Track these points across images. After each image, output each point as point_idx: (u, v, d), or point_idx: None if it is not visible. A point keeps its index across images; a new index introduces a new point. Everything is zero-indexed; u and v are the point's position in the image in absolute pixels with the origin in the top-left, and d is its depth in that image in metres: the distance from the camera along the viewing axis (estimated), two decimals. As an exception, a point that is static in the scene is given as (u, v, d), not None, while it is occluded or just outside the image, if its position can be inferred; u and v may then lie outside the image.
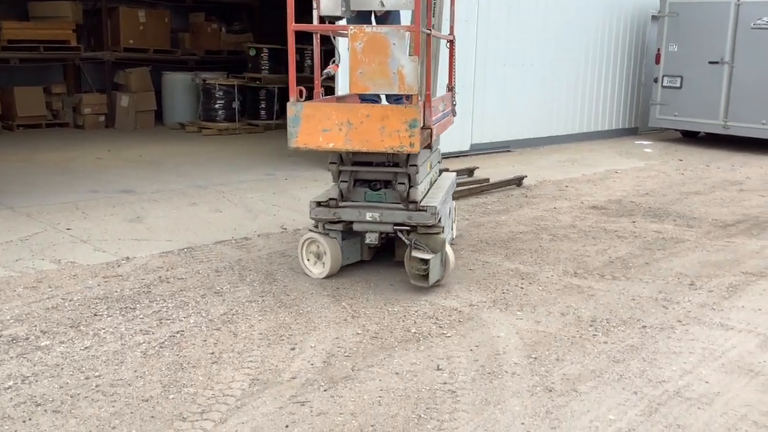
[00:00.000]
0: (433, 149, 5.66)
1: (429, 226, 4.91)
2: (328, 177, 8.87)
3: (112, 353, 3.86)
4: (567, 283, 5.17)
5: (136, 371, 3.66)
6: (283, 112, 13.88)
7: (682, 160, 11.06)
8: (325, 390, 3.50)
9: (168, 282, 5.00)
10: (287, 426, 3.17)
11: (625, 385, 3.62)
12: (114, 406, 3.30)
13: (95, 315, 4.37)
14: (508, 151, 11.55)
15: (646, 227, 6.81)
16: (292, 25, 4.65)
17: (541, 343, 4.11)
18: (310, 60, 14.25)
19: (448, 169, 6.62)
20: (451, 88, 6.36)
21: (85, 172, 8.90)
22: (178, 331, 4.16)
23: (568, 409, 3.37)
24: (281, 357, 3.86)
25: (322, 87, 5.62)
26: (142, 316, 4.37)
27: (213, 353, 3.88)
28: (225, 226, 6.52)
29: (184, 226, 6.49)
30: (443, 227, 5.04)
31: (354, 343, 4.06)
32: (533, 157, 11.07)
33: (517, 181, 8.70)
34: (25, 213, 6.72)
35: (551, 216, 7.20)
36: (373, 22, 5.60)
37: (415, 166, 4.95)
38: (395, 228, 4.96)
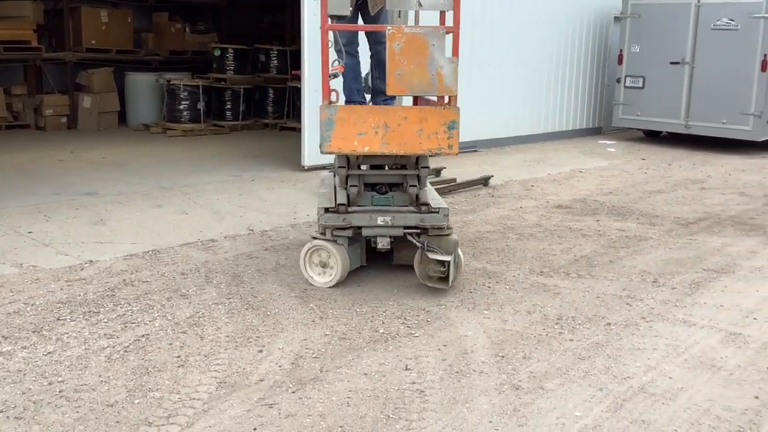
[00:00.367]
0: None
1: (441, 227, 4.89)
2: (296, 178, 8.89)
3: (75, 358, 3.80)
4: (533, 281, 5.21)
5: (100, 376, 3.60)
6: (249, 112, 13.87)
7: (644, 159, 11.23)
8: (293, 392, 3.49)
9: (132, 285, 4.94)
10: (255, 429, 3.15)
11: (590, 382, 3.66)
12: (78, 412, 3.25)
13: (58, 319, 4.30)
14: (475, 151, 11.61)
15: (610, 226, 6.90)
16: (326, 25, 4.49)
17: (508, 342, 4.14)
18: (277, 60, 14.22)
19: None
20: None
21: (47, 174, 8.75)
22: (144, 335, 4.11)
23: (535, 406, 3.40)
24: (249, 359, 3.84)
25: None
26: (106, 320, 4.30)
27: (179, 357, 3.84)
28: (191, 228, 6.46)
29: (149, 228, 6.42)
30: (452, 228, 5.03)
31: (322, 345, 4.05)
32: (499, 157, 11.15)
33: (484, 181, 8.75)
34: (-15, 216, 6.59)
35: (517, 215, 7.25)
36: (360, 21, 5.54)
37: (426, 167, 4.94)
38: (405, 231, 4.89)
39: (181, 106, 13.02)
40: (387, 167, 5.02)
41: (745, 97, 11.59)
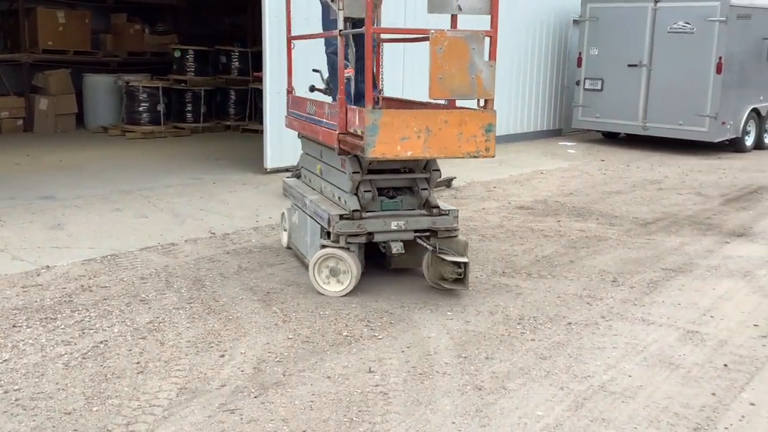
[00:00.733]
0: None
1: (452, 229, 4.91)
2: (258, 181, 8.83)
3: (32, 365, 3.72)
4: (496, 282, 5.25)
5: (57, 384, 3.53)
6: (210, 114, 13.74)
7: (603, 161, 11.39)
8: (255, 397, 3.46)
9: (90, 291, 4.85)
10: (217, 434, 3.12)
11: (552, 381, 3.70)
12: (35, 420, 3.18)
13: (14, 326, 4.21)
14: (437, 152, 11.64)
15: (570, 226, 6.99)
16: (371, 29, 4.39)
17: (470, 343, 4.16)
18: (238, 62, 14.11)
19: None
20: (380, 90, 6.38)
21: (3, 178, 8.55)
22: (102, 341, 4.04)
23: (497, 406, 3.42)
24: (210, 364, 3.79)
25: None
26: (63, 327, 4.22)
27: (138, 363, 3.79)
28: (150, 231, 6.38)
29: (108, 232, 6.32)
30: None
31: (285, 348, 4.02)
32: (462, 159, 11.19)
33: (447, 182, 8.79)
34: (-63, 221, 6.42)
35: (480, 216, 7.30)
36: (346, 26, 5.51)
37: (437, 170, 4.94)
38: (416, 235, 4.89)
39: (140, 108, 12.86)
40: (391, 171, 4.95)
41: (701, 99, 11.83)
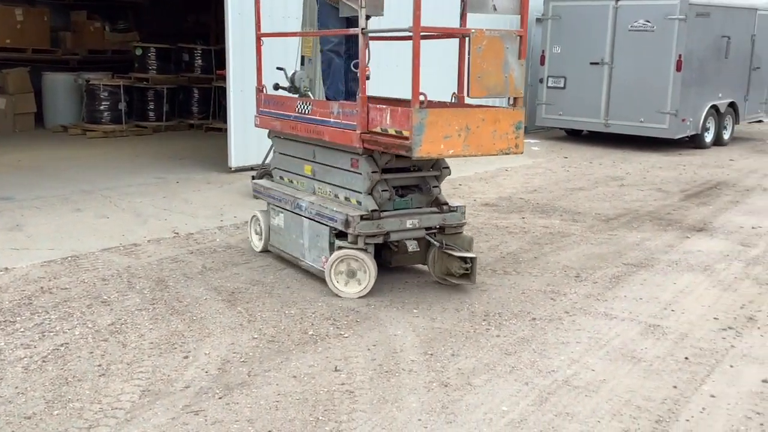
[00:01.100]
0: None
1: (460, 225, 4.97)
2: (222, 180, 8.76)
3: (-11, 370, 3.64)
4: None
5: (17, 387, 3.46)
6: (173, 113, 13.58)
7: (567, 158, 11.50)
8: (220, 398, 3.43)
9: (51, 293, 4.76)
10: (181, 436, 3.09)
11: (517, 377, 3.72)
12: (-8, 427, 3.12)
13: (-30, 330, 4.12)
14: (403, 150, 11.66)
15: (534, 223, 7.04)
16: (419, 27, 4.36)
17: (436, 340, 4.17)
18: (201, 60, 13.97)
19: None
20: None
21: (-42, 178, 8.37)
22: (63, 344, 3.97)
23: (463, 402, 3.44)
24: (173, 366, 3.75)
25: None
26: (23, 329, 4.14)
27: (100, 365, 3.73)
28: (112, 232, 6.28)
29: (68, 233, 6.21)
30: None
31: (250, 348, 3.99)
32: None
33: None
34: None
35: (445, 214, 7.32)
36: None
37: (447, 168, 4.98)
38: (427, 232, 4.94)
39: (101, 107, 12.65)
40: (402, 170, 4.95)
41: (661, 96, 12.00)
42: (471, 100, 4.81)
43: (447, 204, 5.00)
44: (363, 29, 4.69)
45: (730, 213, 7.62)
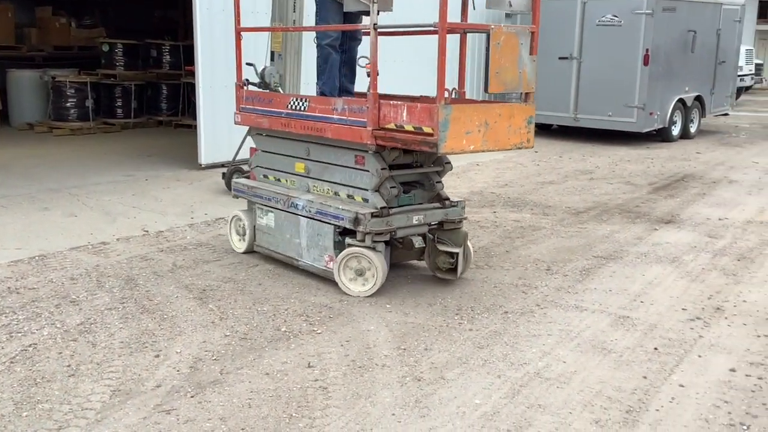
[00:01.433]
0: None
1: (460, 220, 5.00)
2: (192, 177, 8.68)
3: (-45, 373, 3.58)
4: (434, 273, 5.28)
5: (-17, 390, 3.41)
6: (141, 110, 13.42)
7: (537, 152, 11.58)
8: (192, 396, 3.40)
9: (18, 293, 4.69)
10: (153, 436, 3.06)
11: (489, 370, 3.75)
12: (-41, 430, 3.07)
13: (-65, 333, 4.04)
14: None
15: (506, 217, 7.09)
16: (445, 23, 4.30)
17: (410, 334, 4.18)
18: (169, 56, 13.82)
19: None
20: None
21: None
22: (31, 345, 3.91)
23: (436, 396, 3.45)
24: (144, 365, 3.71)
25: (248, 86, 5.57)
26: (-11, 331, 4.07)
27: (69, 366, 3.68)
28: (80, 231, 6.20)
29: (35, 232, 6.11)
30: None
31: (222, 346, 3.97)
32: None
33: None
34: None
35: (417, 209, 7.33)
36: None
37: (449, 163, 4.96)
38: (429, 228, 4.94)
39: (68, 104, 12.46)
40: (405, 166, 4.92)
41: (629, 91, 12.13)
42: (470, 96, 4.84)
43: (448, 199, 5.03)
44: (375, 24, 4.64)
45: (697, 205, 7.73)
